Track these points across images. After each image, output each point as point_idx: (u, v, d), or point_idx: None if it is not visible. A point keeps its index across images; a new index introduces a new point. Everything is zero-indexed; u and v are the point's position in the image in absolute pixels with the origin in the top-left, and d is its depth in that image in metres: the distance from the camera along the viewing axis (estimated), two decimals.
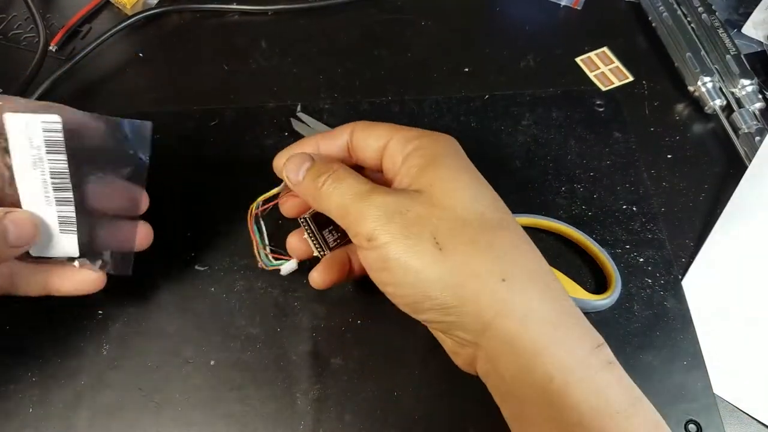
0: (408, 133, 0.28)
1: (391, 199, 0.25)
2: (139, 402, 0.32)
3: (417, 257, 0.24)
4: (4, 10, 0.49)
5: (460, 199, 0.25)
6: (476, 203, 0.25)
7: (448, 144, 0.28)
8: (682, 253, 0.36)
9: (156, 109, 0.43)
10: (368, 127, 0.29)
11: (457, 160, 0.27)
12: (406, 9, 0.49)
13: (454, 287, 0.24)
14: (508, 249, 0.25)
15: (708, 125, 0.42)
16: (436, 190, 0.25)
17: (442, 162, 0.26)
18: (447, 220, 0.24)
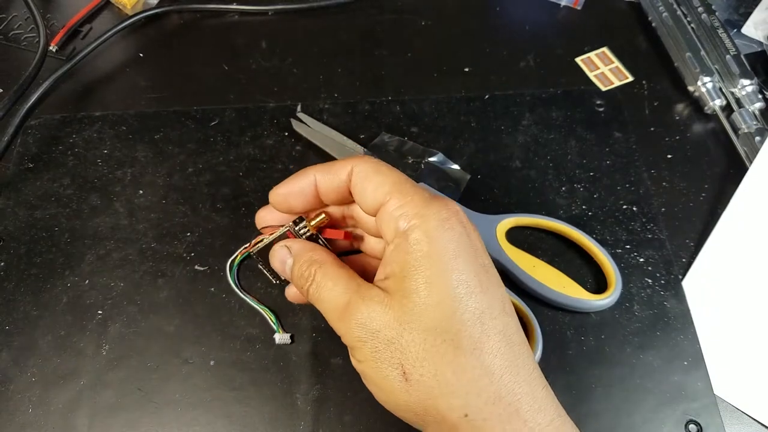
0: (407, 204, 0.25)
1: (365, 318, 0.24)
2: (139, 402, 0.32)
3: (385, 383, 0.24)
4: (5, 10, 0.49)
5: (432, 320, 0.23)
6: (450, 324, 0.23)
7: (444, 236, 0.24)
8: (683, 253, 0.36)
9: (156, 109, 0.43)
10: (366, 178, 0.26)
11: (444, 264, 0.24)
12: (406, 9, 0.49)
13: (419, 414, 0.24)
14: (477, 377, 0.23)
15: (708, 125, 0.42)
16: (410, 305, 0.24)
17: (424, 270, 0.24)
18: (416, 344, 0.23)
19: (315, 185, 0.28)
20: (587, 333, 0.33)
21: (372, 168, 0.27)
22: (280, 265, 0.29)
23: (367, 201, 0.26)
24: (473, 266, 0.24)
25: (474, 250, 0.25)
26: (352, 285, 0.26)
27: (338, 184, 0.28)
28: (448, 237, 0.24)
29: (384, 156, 0.39)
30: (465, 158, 0.40)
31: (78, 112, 0.43)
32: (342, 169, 0.27)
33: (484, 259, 0.25)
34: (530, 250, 0.35)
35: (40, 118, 0.42)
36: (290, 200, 0.29)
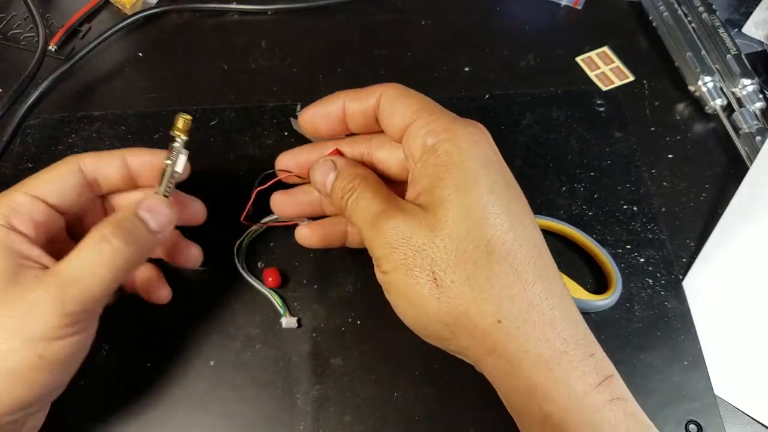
0: (435, 122, 0.25)
1: (399, 224, 0.25)
2: (139, 402, 0.32)
3: (415, 291, 0.24)
4: (4, 10, 0.49)
5: (464, 226, 0.23)
6: (483, 230, 0.23)
7: (473, 149, 0.25)
8: (683, 253, 0.36)
9: (155, 108, 0.43)
10: (395, 100, 0.27)
11: (475, 171, 0.24)
12: (406, 9, 0.49)
13: (449, 325, 0.24)
14: (510, 284, 0.23)
15: (709, 125, 0.42)
16: (441, 212, 0.24)
17: (455, 177, 0.24)
18: (447, 251, 0.23)
19: (343, 110, 0.29)
20: None
21: (399, 92, 0.27)
22: (322, 178, 0.29)
23: (394, 123, 0.27)
24: (503, 177, 0.25)
25: (502, 165, 0.25)
26: (390, 198, 0.26)
27: (366, 108, 0.28)
28: (477, 149, 0.25)
29: None
30: None
31: (77, 112, 0.43)
32: (371, 95, 0.28)
33: (510, 175, 0.26)
34: None
35: (39, 118, 0.42)
36: (317, 122, 0.29)
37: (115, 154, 0.29)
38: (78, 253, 0.25)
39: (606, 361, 0.24)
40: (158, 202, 0.28)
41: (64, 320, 0.24)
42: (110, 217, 0.27)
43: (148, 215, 0.27)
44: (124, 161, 0.29)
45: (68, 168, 0.28)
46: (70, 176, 0.28)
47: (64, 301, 0.24)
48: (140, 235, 0.26)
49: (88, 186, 0.29)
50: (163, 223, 0.28)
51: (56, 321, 0.23)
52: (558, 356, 0.23)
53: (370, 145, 0.30)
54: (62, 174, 0.28)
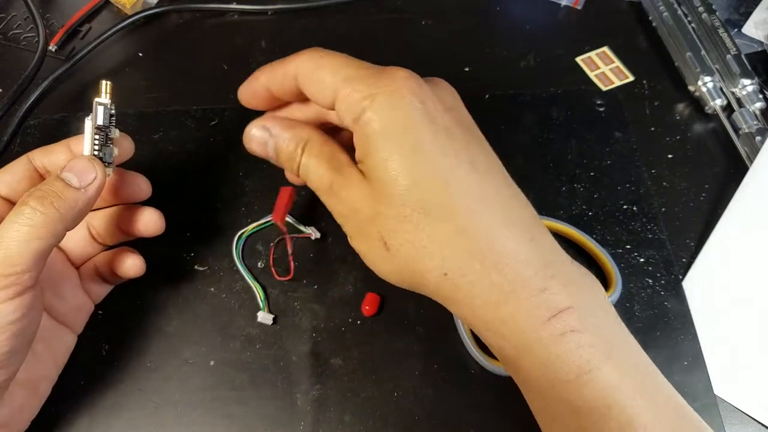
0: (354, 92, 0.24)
1: (347, 196, 0.26)
2: (139, 402, 0.32)
3: (373, 254, 0.26)
4: (4, 10, 0.49)
5: (398, 192, 0.24)
6: (414, 193, 0.24)
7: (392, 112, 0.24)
8: (683, 253, 0.36)
9: (156, 108, 0.43)
10: (311, 75, 0.26)
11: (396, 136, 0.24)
12: (406, 9, 0.49)
13: (406, 280, 0.26)
14: (450, 238, 0.24)
15: (708, 125, 0.42)
16: (377, 183, 0.24)
17: (379, 147, 0.24)
18: (390, 218, 0.24)
19: (267, 88, 0.28)
20: None
21: (312, 65, 0.26)
22: (261, 148, 0.28)
23: (319, 101, 0.26)
24: (428, 132, 0.24)
25: (428, 114, 0.24)
26: (335, 164, 0.26)
27: (289, 87, 0.27)
28: (397, 109, 0.24)
29: None
30: None
31: (77, 112, 0.43)
32: (287, 71, 0.27)
33: (445, 120, 0.25)
34: None
35: (39, 118, 0.42)
36: (250, 101, 0.30)
37: (62, 143, 0.30)
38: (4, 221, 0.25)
39: (563, 294, 0.23)
40: (77, 159, 0.28)
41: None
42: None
43: (69, 174, 0.27)
44: (69, 148, 0.30)
45: (19, 162, 0.29)
46: (20, 168, 0.29)
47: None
48: (63, 194, 0.26)
49: (40, 176, 0.30)
50: (86, 179, 0.27)
51: None
52: (505, 297, 0.23)
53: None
54: (11, 167, 0.29)
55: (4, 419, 0.27)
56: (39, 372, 0.29)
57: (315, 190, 0.27)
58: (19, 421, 0.28)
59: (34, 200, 0.25)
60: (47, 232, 0.25)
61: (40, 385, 0.29)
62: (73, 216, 0.27)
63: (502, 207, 0.25)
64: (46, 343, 0.30)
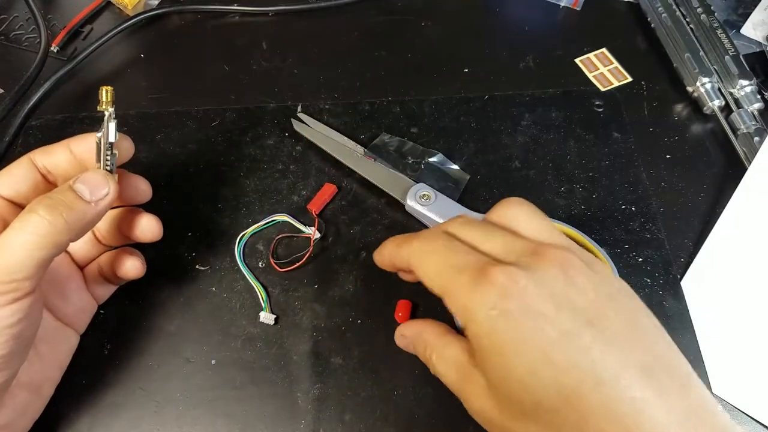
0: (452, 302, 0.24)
1: (479, 406, 0.25)
2: (140, 401, 0.32)
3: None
4: (6, 11, 0.49)
5: (521, 409, 0.23)
6: (538, 411, 0.22)
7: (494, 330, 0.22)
8: (681, 253, 0.37)
9: (157, 109, 0.43)
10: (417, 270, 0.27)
11: (507, 357, 0.22)
12: (406, 9, 0.49)
13: None
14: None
15: (707, 126, 0.42)
16: (498, 396, 0.24)
17: (492, 365, 0.23)
18: (509, 420, 0.24)
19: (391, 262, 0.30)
20: None
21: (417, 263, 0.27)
22: (407, 348, 0.30)
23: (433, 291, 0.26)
24: (541, 345, 0.22)
25: (538, 322, 0.22)
26: (462, 370, 0.26)
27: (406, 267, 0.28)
28: (501, 329, 0.22)
29: (384, 156, 0.39)
30: (465, 158, 0.40)
31: (79, 113, 0.43)
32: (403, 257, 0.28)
33: (563, 322, 0.22)
34: None
35: (41, 119, 0.42)
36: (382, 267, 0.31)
37: (62, 143, 0.30)
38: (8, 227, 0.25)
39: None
40: (92, 173, 0.28)
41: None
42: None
43: (81, 186, 0.27)
44: (69, 149, 0.30)
45: (21, 163, 0.29)
46: (22, 170, 0.29)
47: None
48: (73, 205, 0.27)
49: (42, 177, 0.30)
50: (98, 194, 0.28)
51: None
52: None
53: None
54: (14, 169, 0.29)
55: (6, 420, 0.27)
56: (42, 373, 0.30)
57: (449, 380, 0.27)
58: (22, 423, 0.29)
59: (43, 209, 0.25)
60: (52, 242, 0.25)
61: (44, 386, 0.30)
62: (80, 228, 0.27)
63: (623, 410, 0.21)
64: (49, 344, 0.30)
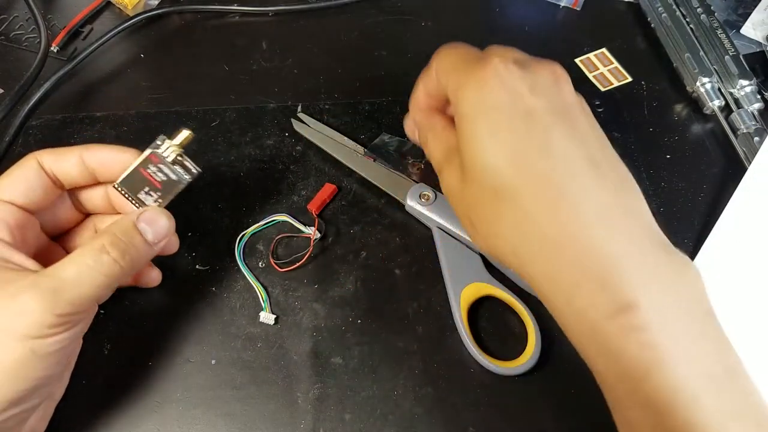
0: (456, 78, 0.27)
1: (447, 178, 0.28)
2: (140, 401, 0.32)
3: (467, 229, 0.28)
4: (6, 11, 0.49)
5: (475, 171, 0.26)
6: (487, 173, 0.25)
7: (475, 98, 0.25)
8: None
9: (157, 109, 0.43)
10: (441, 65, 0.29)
11: (476, 120, 0.25)
12: (406, 9, 0.49)
13: (491, 254, 0.27)
14: (519, 221, 0.24)
15: (707, 126, 0.42)
16: (463, 164, 0.26)
17: (464, 131, 0.26)
18: (472, 198, 0.26)
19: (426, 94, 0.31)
20: None
21: (442, 60, 0.29)
22: (411, 134, 0.33)
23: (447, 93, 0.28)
24: (505, 118, 0.25)
25: (511, 101, 0.25)
26: (447, 150, 0.29)
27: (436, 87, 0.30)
28: (480, 97, 0.25)
29: (384, 156, 0.39)
30: None
31: (79, 113, 0.43)
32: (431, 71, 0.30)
33: (528, 105, 0.25)
34: None
35: (41, 119, 0.42)
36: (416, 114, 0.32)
37: (73, 150, 0.29)
38: (75, 259, 0.26)
39: (627, 289, 0.22)
40: (157, 214, 0.29)
41: (55, 320, 0.25)
42: (110, 227, 0.28)
43: (147, 227, 0.28)
44: (81, 158, 0.29)
45: (30, 167, 0.29)
46: (34, 175, 0.29)
47: (57, 302, 0.25)
48: (138, 246, 0.28)
49: (52, 183, 0.30)
50: (160, 235, 0.29)
51: (48, 320, 0.25)
52: (570, 288, 0.24)
53: None
54: (26, 174, 0.29)
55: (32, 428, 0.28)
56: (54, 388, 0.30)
57: (434, 166, 0.30)
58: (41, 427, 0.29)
59: (116, 252, 0.27)
60: (117, 281, 0.27)
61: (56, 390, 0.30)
62: (140, 266, 0.28)
63: (572, 189, 0.24)
64: None
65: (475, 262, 0.35)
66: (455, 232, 0.35)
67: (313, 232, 0.36)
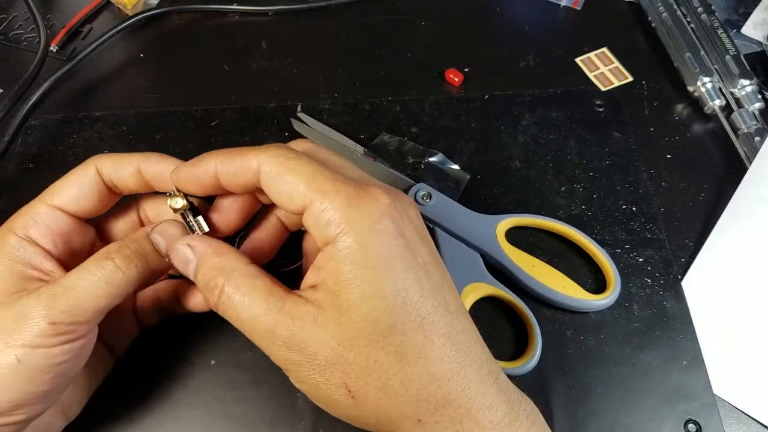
0: (330, 209, 0.22)
1: (300, 339, 0.22)
2: (140, 402, 0.32)
3: (331, 400, 0.23)
4: (5, 11, 0.49)
5: (372, 333, 0.22)
6: (393, 334, 0.22)
7: (375, 243, 0.22)
8: (682, 253, 0.36)
9: (156, 109, 0.43)
10: (278, 176, 0.24)
11: (382, 271, 0.22)
12: (406, 9, 0.49)
13: (372, 425, 0.24)
14: (425, 385, 0.23)
15: (707, 125, 0.42)
16: (347, 320, 0.22)
17: (360, 282, 0.22)
18: (357, 361, 0.22)
19: (216, 177, 0.25)
20: (586, 333, 0.33)
21: (281, 167, 0.23)
22: (183, 265, 0.26)
23: (286, 206, 0.24)
24: (411, 270, 0.23)
25: (411, 249, 0.23)
26: (274, 301, 0.23)
27: (245, 182, 0.25)
28: (380, 241, 0.22)
29: (384, 156, 0.39)
30: (465, 158, 0.40)
31: (78, 112, 0.43)
32: (247, 166, 0.24)
33: (423, 255, 0.24)
34: (530, 250, 0.35)
35: (40, 119, 0.42)
36: (189, 186, 0.26)
37: (132, 160, 0.28)
38: (80, 267, 0.25)
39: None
40: (171, 225, 0.27)
41: (49, 329, 0.23)
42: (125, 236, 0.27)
43: (159, 237, 0.27)
44: (138, 168, 0.28)
45: (86, 173, 0.27)
46: (89, 181, 0.27)
47: (51, 309, 0.23)
48: (146, 256, 0.26)
49: (109, 190, 0.28)
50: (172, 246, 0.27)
51: (40, 327, 0.23)
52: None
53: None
54: (81, 180, 0.27)
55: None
56: (73, 396, 0.29)
57: (248, 334, 0.23)
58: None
59: (120, 259, 0.25)
60: (121, 292, 0.25)
61: (72, 407, 0.29)
62: (150, 280, 0.27)
63: (470, 349, 0.24)
64: (86, 368, 0.27)
65: (475, 262, 0.35)
66: (455, 232, 0.35)
67: None
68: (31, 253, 0.25)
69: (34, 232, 0.26)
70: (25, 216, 0.26)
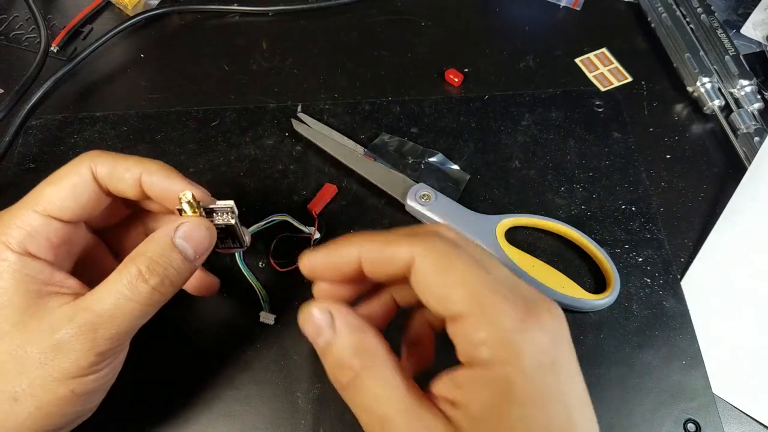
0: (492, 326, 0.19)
1: None
2: (140, 402, 0.32)
3: None
4: (6, 11, 0.49)
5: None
6: None
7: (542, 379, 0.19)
8: (681, 253, 0.37)
9: (157, 109, 0.43)
10: (435, 275, 0.20)
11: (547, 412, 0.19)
12: (406, 9, 0.49)
13: None
14: None
15: (707, 125, 0.42)
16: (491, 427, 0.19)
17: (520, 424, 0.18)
18: None
19: (359, 263, 0.22)
20: (586, 332, 0.33)
21: (440, 263, 0.20)
22: (313, 331, 0.22)
23: (432, 306, 0.21)
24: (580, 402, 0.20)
25: (578, 372, 0.20)
26: (411, 406, 0.20)
27: (393, 273, 0.21)
28: (551, 381, 0.19)
29: (384, 156, 0.39)
30: (465, 158, 0.40)
31: (79, 113, 0.43)
32: (399, 258, 0.21)
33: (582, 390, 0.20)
34: (529, 250, 0.35)
35: (41, 119, 0.42)
36: (325, 275, 0.24)
37: (132, 170, 0.26)
38: (110, 288, 0.24)
39: None
40: (196, 226, 0.26)
41: (96, 359, 0.23)
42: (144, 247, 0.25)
43: (185, 243, 0.25)
44: (139, 180, 0.26)
45: (80, 176, 0.26)
46: (83, 188, 0.26)
47: (96, 341, 0.23)
48: (177, 267, 0.25)
49: (103, 193, 0.27)
50: (201, 249, 0.26)
51: (88, 360, 0.23)
52: None
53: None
54: (76, 187, 0.26)
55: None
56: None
57: (366, 425, 0.21)
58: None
59: (156, 280, 0.24)
60: (155, 309, 0.25)
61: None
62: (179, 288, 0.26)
63: None
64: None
65: None
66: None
67: (313, 232, 0.36)
68: (37, 268, 0.24)
69: (33, 246, 0.25)
70: (18, 229, 0.24)
